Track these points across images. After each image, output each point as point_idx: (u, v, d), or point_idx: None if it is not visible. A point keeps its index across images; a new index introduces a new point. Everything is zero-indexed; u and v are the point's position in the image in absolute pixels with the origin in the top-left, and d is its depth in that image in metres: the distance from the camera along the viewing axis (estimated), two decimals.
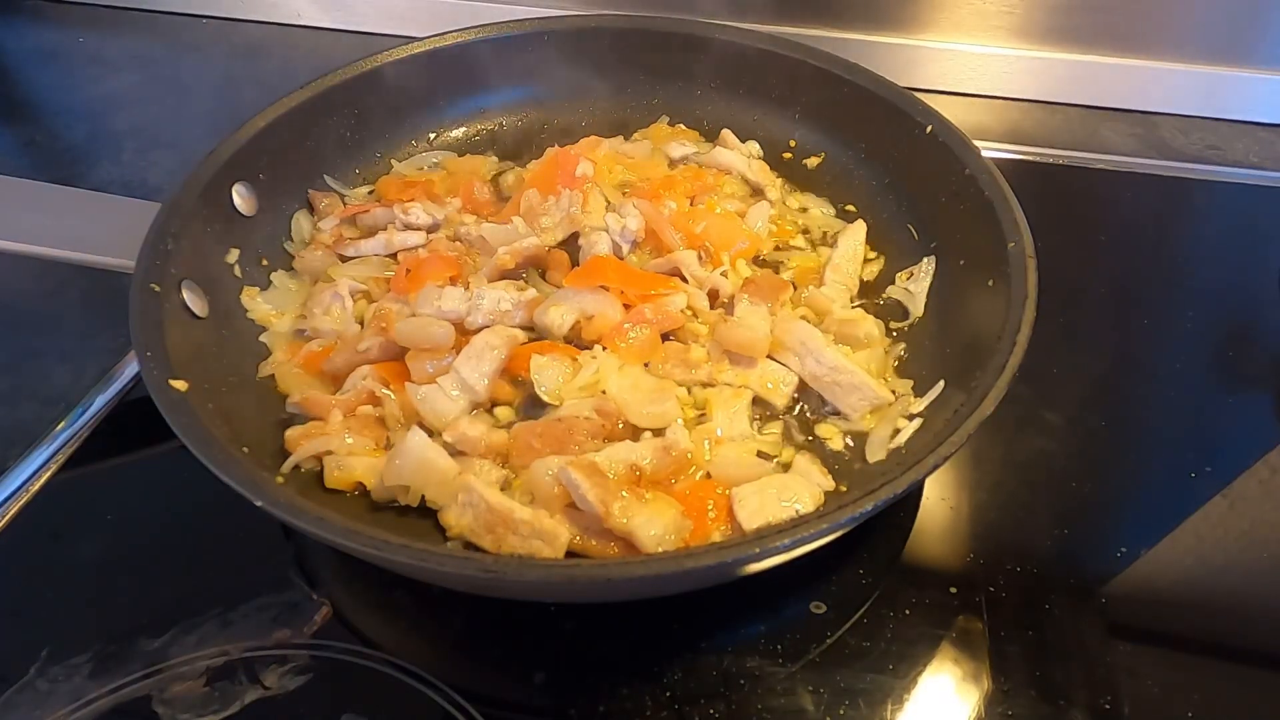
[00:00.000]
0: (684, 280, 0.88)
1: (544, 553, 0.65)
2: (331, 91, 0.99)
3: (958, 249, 0.87)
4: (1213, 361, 0.95)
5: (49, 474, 0.79)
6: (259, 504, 0.55)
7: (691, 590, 0.64)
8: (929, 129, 0.93)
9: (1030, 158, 1.20)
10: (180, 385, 0.65)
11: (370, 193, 1.03)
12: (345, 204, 0.99)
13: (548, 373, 0.79)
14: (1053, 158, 1.21)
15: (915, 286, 0.90)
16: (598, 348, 0.80)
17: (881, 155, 1.01)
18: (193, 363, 0.71)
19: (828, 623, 0.68)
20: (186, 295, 0.77)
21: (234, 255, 0.87)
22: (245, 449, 0.67)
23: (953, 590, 0.71)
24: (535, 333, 0.84)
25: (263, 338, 0.84)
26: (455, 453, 0.73)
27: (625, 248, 0.92)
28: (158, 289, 0.72)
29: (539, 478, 0.69)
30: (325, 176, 1.01)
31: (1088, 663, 0.66)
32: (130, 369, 0.90)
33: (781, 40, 1.07)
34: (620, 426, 0.75)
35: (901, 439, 0.74)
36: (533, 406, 0.79)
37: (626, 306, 0.84)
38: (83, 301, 0.99)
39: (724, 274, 0.89)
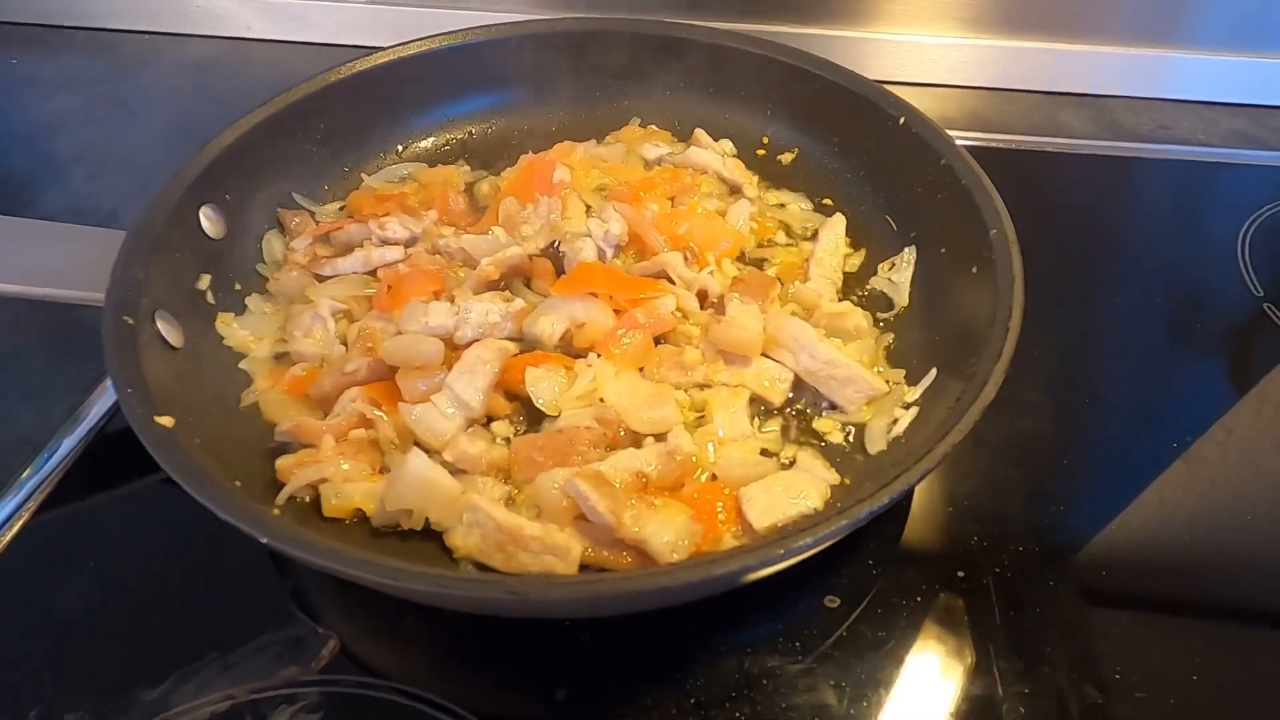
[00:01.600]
0: (671, 282, 0.88)
1: (557, 568, 0.64)
2: (295, 106, 0.96)
3: (938, 238, 0.89)
4: (1170, 330, 0.98)
5: (21, 522, 0.75)
6: (265, 541, 0.53)
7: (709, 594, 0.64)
8: (902, 120, 0.94)
9: (993, 144, 1.23)
10: (166, 421, 0.62)
11: (341, 208, 1.01)
12: (317, 222, 0.96)
13: (543, 384, 0.77)
14: (1015, 143, 1.24)
15: (898, 277, 0.91)
16: (592, 355, 0.79)
17: (855, 148, 1.02)
18: (174, 396, 0.68)
19: (842, 616, 0.69)
20: (161, 326, 0.73)
21: (205, 281, 0.83)
22: (238, 482, 0.64)
23: (960, 574, 0.72)
24: (525, 343, 0.83)
25: (242, 365, 0.81)
26: (456, 471, 0.71)
27: (609, 252, 0.92)
28: (131, 321, 0.69)
29: (545, 491, 0.68)
30: (294, 194, 0.98)
31: (1086, 634, 0.68)
32: (99, 406, 0.86)
33: (751, 38, 1.07)
34: (621, 434, 0.75)
35: (900, 428, 0.75)
36: (530, 419, 0.78)
37: (616, 312, 0.83)
38: (41, 337, 0.94)
39: (711, 274, 0.89)
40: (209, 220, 0.86)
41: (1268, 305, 0.99)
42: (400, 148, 1.09)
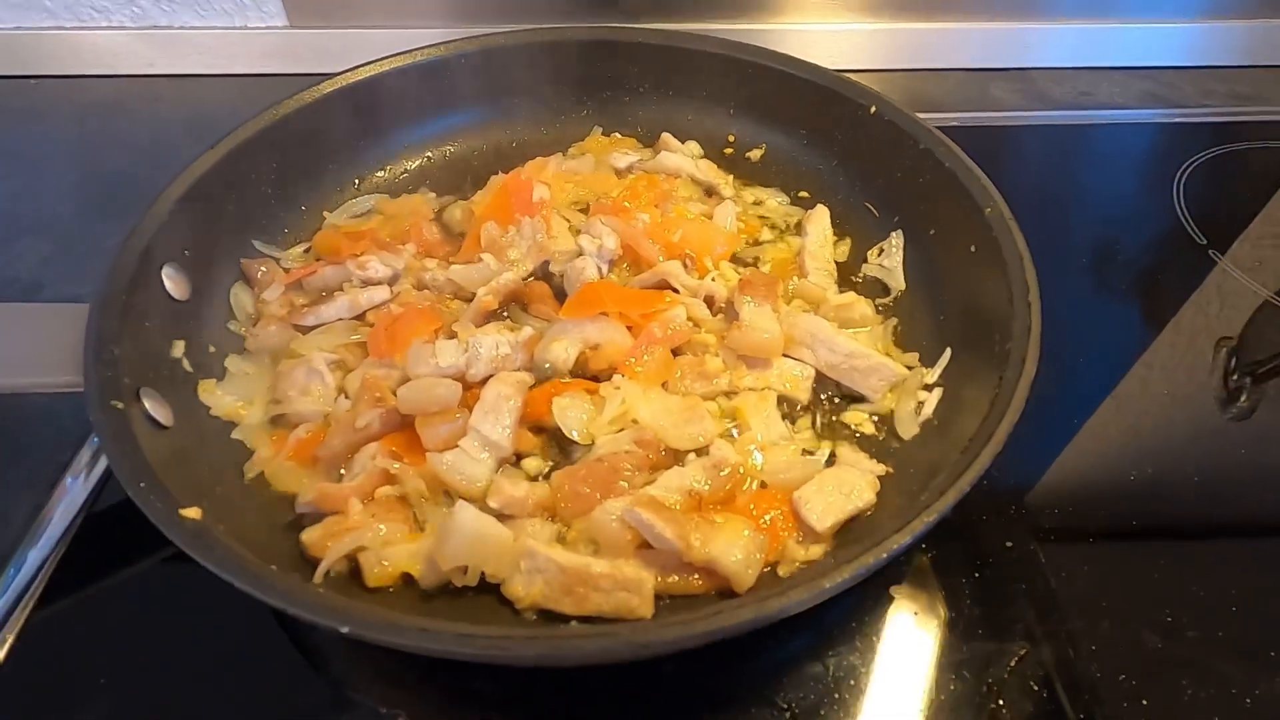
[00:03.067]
0: (675, 292, 0.87)
1: (632, 603, 0.62)
2: (244, 148, 0.89)
3: (924, 220, 0.91)
4: (1113, 277, 1.04)
5: (5, 648, 0.66)
6: (345, 630, 0.48)
7: None
8: (872, 109, 0.96)
9: (934, 123, 1.27)
10: (194, 513, 0.56)
11: (307, 251, 0.94)
12: (285, 269, 0.89)
13: (572, 413, 0.75)
14: (955, 120, 1.29)
15: (889, 262, 0.93)
16: (617, 377, 0.77)
17: (824, 139, 1.03)
18: (178, 481, 0.61)
19: None
20: (148, 405, 0.66)
21: (179, 348, 0.76)
22: (274, 566, 0.59)
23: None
24: (537, 372, 0.80)
25: (236, 434, 0.75)
26: (502, 517, 0.67)
27: (604, 268, 0.89)
28: (120, 406, 0.62)
29: (603, 525, 0.66)
30: (254, 242, 0.90)
31: (1044, 571, 0.72)
32: (63, 505, 0.76)
33: (707, 38, 1.07)
34: (662, 453, 0.73)
35: (928, 410, 0.77)
36: (560, 450, 0.76)
37: (628, 329, 0.81)
38: None
39: (714, 279, 0.88)
40: (172, 281, 0.78)
41: (1213, 252, 1.07)
42: (357, 180, 1.02)
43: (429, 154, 1.08)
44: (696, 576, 0.64)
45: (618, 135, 1.11)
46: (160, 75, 1.32)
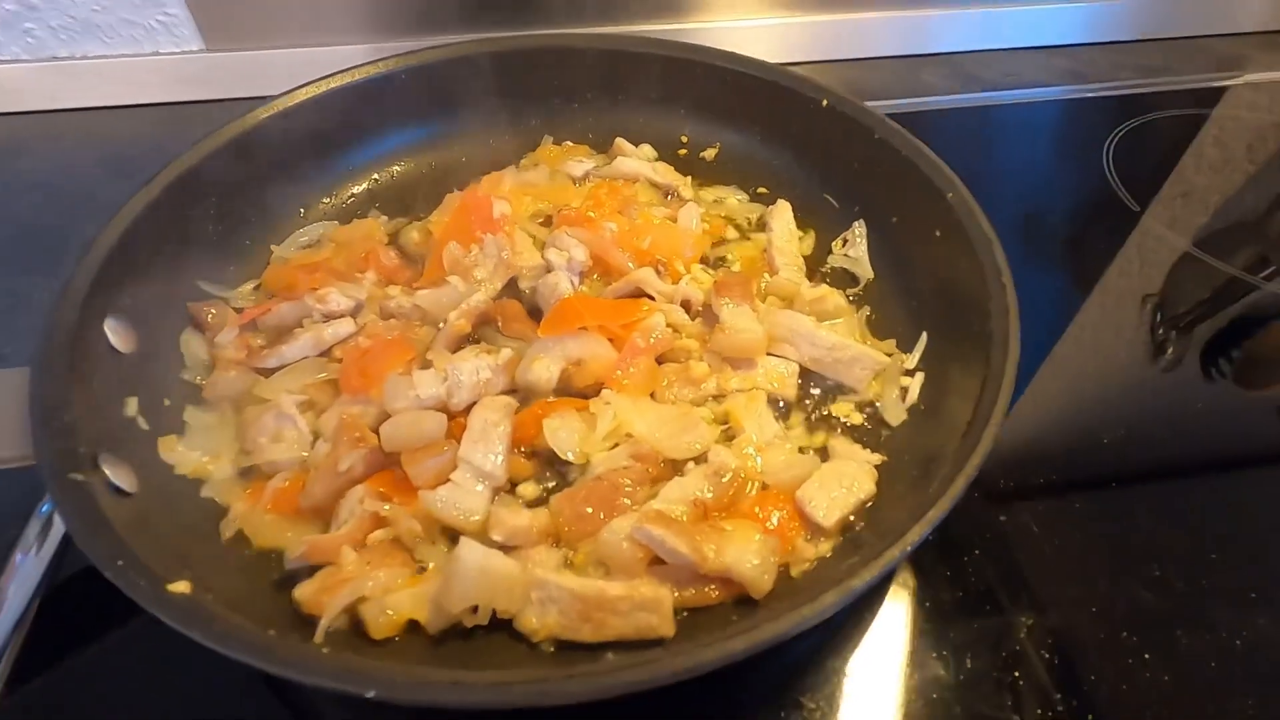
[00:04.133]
0: (650, 299, 0.86)
1: (652, 623, 0.60)
2: (179, 184, 0.83)
3: (886, 209, 0.93)
4: (1040, 248, 1.08)
5: None
6: (371, 694, 0.45)
7: None
8: (824, 102, 0.97)
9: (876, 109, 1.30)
10: (182, 587, 0.51)
11: (257, 288, 0.89)
12: (236, 310, 0.84)
13: (563, 433, 0.73)
14: (893, 107, 1.32)
15: (854, 252, 0.94)
16: (606, 391, 0.75)
17: (779, 135, 1.04)
18: (153, 552, 0.57)
19: None
20: (109, 471, 0.61)
21: (133, 405, 0.70)
22: (271, 631, 0.55)
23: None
24: (519, 394, 0.78)
25: (206, 492, 0.70)
26: (506, 549, 0.65)
27: (575, 280, 0.88)
28: (81, 478, 0.57)
29: (611, 546, 0.64)
30: (199, 282, 0.85)
31: (1001, 532, 0.75)
32: (15, 585, 0.70)
33: (654, 40, 1.06)
34: (661, 465, 0.72)
35: (913, 395, 0.78)
36: (554, 473, 0.74)
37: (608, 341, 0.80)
38: None
39: (689, 283, 0.87)
40: (116, 334, 0.72)
41: (1146, 215, 1.12)
42: (302, 210, 0.97)
43: (375, 176, 1.04)
44: (712, 587, 0.64)
45: (569, 144, 1.10)
46: (64, 110, 1.23)
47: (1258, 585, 0.72)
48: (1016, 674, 0.65)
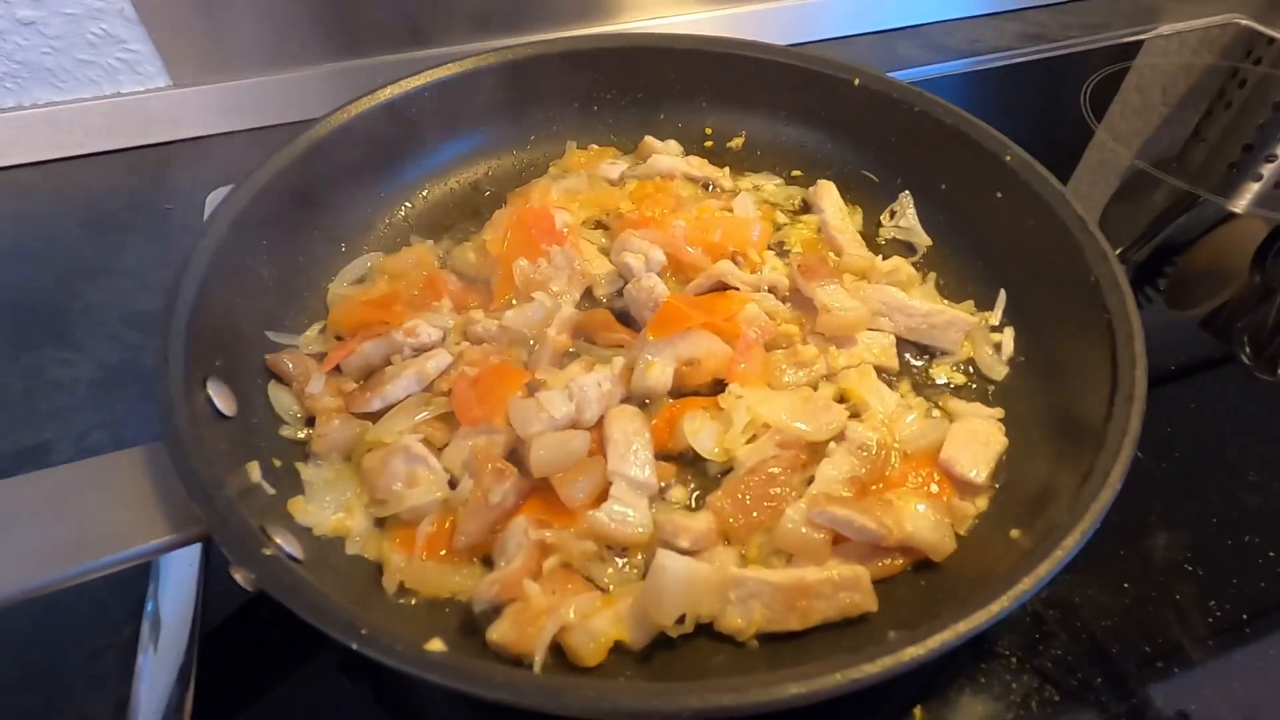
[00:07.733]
0: (736, 290, 0.86)
1: (855, 600, 0.62)
2: (235, 234, 0.76)
3: (933, 177, 0.96)
4: None
5: None
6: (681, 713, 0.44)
7: None
8: (856, 81, 1.00)
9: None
10: (437, 645, 0.48)
11: (322, 330, 0.83)
12: (309, 354, 0.79)
13: (703, 434, 0.73)
14: None
15: (905, 222, 0.98)
16: (734, 386, 0.75)
17: (806, 117, 1.06)
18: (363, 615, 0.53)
19: None
20: (280, 541, 0.56)
21: (256, 471, 0.65)
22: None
23: None
24: (633, 399, 0.77)
25: (351, 549, 0.65)
26: (691, 555, 0.64)
27: None
28: (269, 552, 0.52)
29: (792, 534, 0.65)
30: (266, 333, 0.79)
31: None
32: (145, 689, 0.63)
33: (671, 35, 1.06)
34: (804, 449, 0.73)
35: (1008, 349, 0.82)
36: (695, 473, 0.73)
37: None
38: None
39: (772, 269, 0.88)
40: (219, 397, 0.66)
41: (1137, 159, 1.22)
42: (343, 246, 0.92)
43: (406, 203, 0.99)
44: (895, 557, 0.65)
45: (594, 147, 1.08)
46: (20, 166, 1.11)
47: None
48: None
